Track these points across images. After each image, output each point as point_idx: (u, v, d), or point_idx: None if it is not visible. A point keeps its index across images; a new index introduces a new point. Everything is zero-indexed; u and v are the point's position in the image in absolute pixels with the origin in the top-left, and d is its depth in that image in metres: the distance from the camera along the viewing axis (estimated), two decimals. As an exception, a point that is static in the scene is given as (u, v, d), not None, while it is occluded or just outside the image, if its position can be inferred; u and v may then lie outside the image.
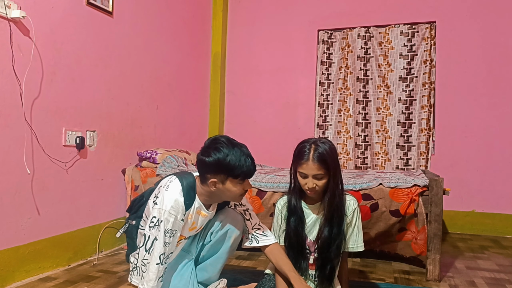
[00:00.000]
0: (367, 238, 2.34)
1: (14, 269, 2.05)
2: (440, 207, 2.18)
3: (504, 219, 3.43)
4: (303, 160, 1.57)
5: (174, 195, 1.55)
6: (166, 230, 1.51)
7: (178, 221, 1.54)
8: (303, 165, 1.57)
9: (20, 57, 2.07)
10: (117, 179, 2.83)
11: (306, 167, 1.56)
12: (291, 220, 1.67)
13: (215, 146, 1.54)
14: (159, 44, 3.34)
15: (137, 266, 1.54)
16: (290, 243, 1.69)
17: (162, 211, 1.51)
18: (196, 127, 4.02)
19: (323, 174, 1.56)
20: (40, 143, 2.19)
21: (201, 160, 1.56)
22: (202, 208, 1.65)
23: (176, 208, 1.53)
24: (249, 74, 4.25)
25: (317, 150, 1.56)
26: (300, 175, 1.60)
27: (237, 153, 1.53)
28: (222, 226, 1.72)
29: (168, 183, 1.59)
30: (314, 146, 1.58)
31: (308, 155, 1.56)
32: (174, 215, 1.52)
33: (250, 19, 4.26)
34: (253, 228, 1.78)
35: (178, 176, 1.62)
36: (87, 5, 2.50)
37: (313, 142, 1.60)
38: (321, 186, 1.58)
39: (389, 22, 3.81)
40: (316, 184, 1.57)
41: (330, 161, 1.57)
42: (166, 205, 1.52)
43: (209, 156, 1.52)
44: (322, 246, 1.64)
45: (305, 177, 1.59)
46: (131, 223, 1.73)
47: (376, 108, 3.84)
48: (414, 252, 2.32)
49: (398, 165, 3.75)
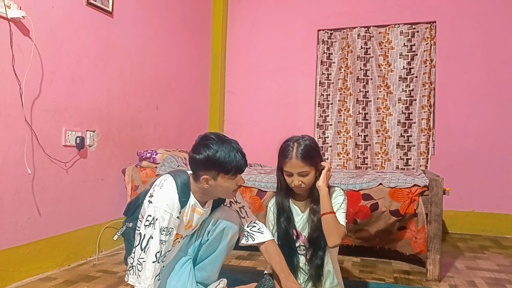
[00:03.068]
0: (367, 235, 2.35)
1: (14, 269, 2.05)
2: (440, 207, 2.18)
3: (504, 219, 3.43)
4: (287, 159, 1.60)
5: (168, 193, 1.56)
6: (162, 228, 1.51)
7: (173, 219, 1.54)
8: (287, 164, 1.60)
9: (20, 57, 2.07)
10: (117, 179, 2.83)
11: (290, 166, 1.59)
12: (280, 220, 1.69)
13: (204, 143, 1.55)
14: (159, 44, 3.34)
15: (133, 265, 1.54)
16: (281, 243, 1.71)
17: (157, 209, 1.52)
18: (196, 127, 4.02)
19: (307, 171, 1.58)
20: (40, 143, 2.19)
21: (192, 158, 1.57)
22: (197, 205, 1.65)
23: (171, 206, 1.54)
24: (249, 74, 4.25)
25: (299, 148, 1.58)
26: (286, 173, 1.63)
27: (226, 148, 1.53)
28: (219, 224, 1.73)
29: (162, 182, 1.60)
30: (297, 144, 1.60)
31: (291, 154, 1.59)
32: (170, 213, 1.53)
33: (250, 19, 4.26)
34: (248, 226, 1.79)
35: (172, 175, 1.63)
36: (87, 5, 2.50)
37: (295, 140, 1.62)
38: (307, 182, 1.60)
39: (389, 22, 3.81)
40: (302, 181, 1.59)
41: (313, 157, 1.59)
42: (161, 203, 1.53)
43: (199, 153, 1.53)
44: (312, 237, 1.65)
45: (290, 175, 1.61)
46: (128, 226, 1.73)
47: (376, 108, 3.84)
48: (413, 250, 2.32)
49: (398, 165, 3.75)
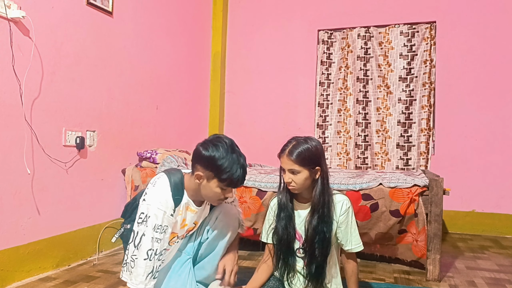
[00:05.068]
0: (367, 239, 2.33)
1: (14, 269, 2.05)
2: (440, 207, 2.18)
3: (504, 219, 3.43)
4: (282, 154, 1.62)
5: (161, 190, 1.56)
6: (156, 226, 1.51)
7: (167, 216, 1.54)
8: (281, 159, 1.62)
9: (20, 57, 2.07)
10: (117, 179, 2.83)
11: (283, 161, 1.61)
12: (280, 216, 1.68)
13: (216, 143, 1.54)
14: (159, 44, 3.34)
15: (127, 262, 1.54)
16: (279, 239, 1.69)
17: (150, 206, 1.52)
18: (196, 127, 4.02)
19: (298, 170, 1.57)
20: (40, 143, 2.19)
21: (197, 150, 1.57)
22: (191, 203, 1.65)
23: (164, 203, 1.54)
24: (249, 74, 4.25)
25: (295, 146, 1.59)
26: (281, 169, 1.65)
27: (233, 159, 1.52)
28: (218, 222, 1.73)
29: (155, 180, 1.60)
30: (295, 142, 1.61)
31: (285, 150, 1.60)
32: (163, 210, 1.53)
33: (250, 19, 4.26)
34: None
35: (166, 173, 1.63)
36: (87, 5, 2.50)
37: (296, 139, 1.62)
38: (297, 182, 1.58)
39: (389, 22, 3.81)
40: (292, 179, 1.58)
41: (307, 159, 1.57)
42: (153, 201, 1.53)
43: (206, 149, 1.53)
44: (307, 242, 1.64)
45: (284, 172, 1.63)
46: (126, 228, 1.73)
47: (376, 108, 3.84)
48: (414, 255, 2.31)
49: (398, 165, 3.75)
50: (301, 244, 1.68)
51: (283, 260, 1.68)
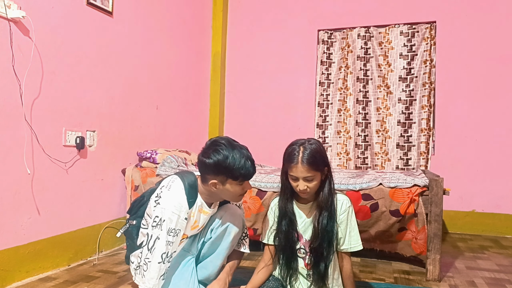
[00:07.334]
0: (367, 236, 2.35)
1: (14, 269, 2.05)
2: (440, 207, 2.18)
3: (504, 219, 3.43)
4: (293, 164, 1.56)
5: (176, 194, 1.57)
6: (170, 230, 1.52)
7: (181, 220, 1.55)
8: (293, 168, 1.57)
9: (20, 57, 2.07)
10: (117, 179, 2.83)
11: (296, 170, 1.56)
12: (282, 223, 1.67)
13: (214, 148, 1.55)
14: (159, 44, 3.34)
15: (140, 265, 1.55)
16: (281, 245, 1.69)
17: (165, 210, 1.53)
18: (196, 127, 4.02)
19: (313, 176, 1.56)
20: (40, 143, 2.19)
21: (201, 161, 1.58)
22: (204, 206, 1.66)
23: (178, 207, 1.54)
24: (249, 74, 4.26)
25: (306, 153, 1.55)
26: (291, 178, 1.60)
27: (236, 155, 1.54)
28: (222, 223, 1.73)
29: (170, 183, 1.61)
30: (303, 148, 1.57)
31: (297, 158, 1.55)
32: (177, 214, 1.54)
33: (250, 19, 4.26)
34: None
35: (179, 176, 1.64)
36: (87, 5, 2.50)
37: (301, 144, 1.59)
38: (312, 187, 1.58)
39: (389, 22, 3.81)
40: (307, 186, 1.57)
41: (319, 162, 1.57)
42: (168, 205, 1.53)
43: (209, 157, 1.54)
44: (314, 243, 1.64)
45: (296, 180, 1.58)
46: (132, 224, 1.74)
47: (376, 108, 3.84)
48: (414, 251, 2.32)
49: (398, 165, 3.75)
50: (302, 244, 1.68)
51: (286, 263, 1.68)
